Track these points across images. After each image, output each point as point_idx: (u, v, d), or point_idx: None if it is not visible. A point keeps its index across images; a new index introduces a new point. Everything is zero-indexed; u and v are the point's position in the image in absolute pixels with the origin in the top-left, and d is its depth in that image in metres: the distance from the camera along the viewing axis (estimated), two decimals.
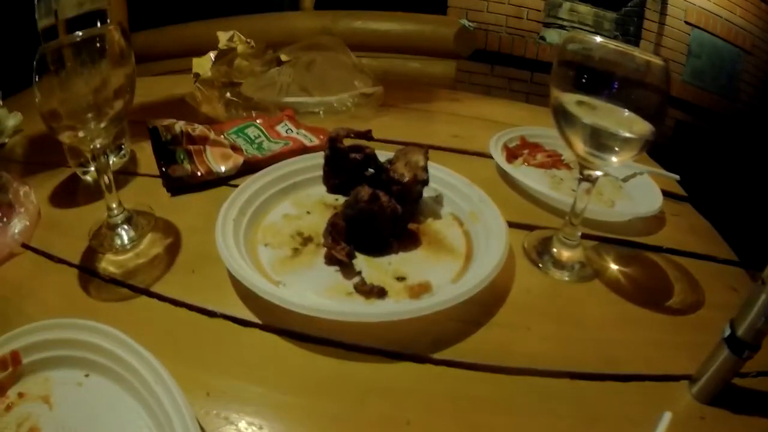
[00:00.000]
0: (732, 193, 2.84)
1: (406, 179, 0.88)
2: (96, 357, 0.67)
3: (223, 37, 1.55)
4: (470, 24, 2.88)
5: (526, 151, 1.23)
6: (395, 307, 0.74)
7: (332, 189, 1.00)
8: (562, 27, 3.78)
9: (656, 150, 0.88)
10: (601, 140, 0.78)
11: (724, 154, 3.39)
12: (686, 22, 3.61)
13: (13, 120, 1.34)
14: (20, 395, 0.65)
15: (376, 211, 0.83)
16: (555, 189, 1.11)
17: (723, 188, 2.87)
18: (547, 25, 3.73)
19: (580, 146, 0.79)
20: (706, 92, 3.72)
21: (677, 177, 1.22)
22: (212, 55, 1.51)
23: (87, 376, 0.67)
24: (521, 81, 3.66)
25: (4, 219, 0.97)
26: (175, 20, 2.44)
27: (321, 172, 1.00)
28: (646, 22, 3.67)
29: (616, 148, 0.78)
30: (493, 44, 3.66)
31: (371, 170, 0.93)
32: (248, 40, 1.56)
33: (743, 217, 2.17)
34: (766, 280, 0.61)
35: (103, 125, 0.80)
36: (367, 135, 1.02)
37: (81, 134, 0.80)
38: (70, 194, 1.08)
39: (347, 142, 0.99)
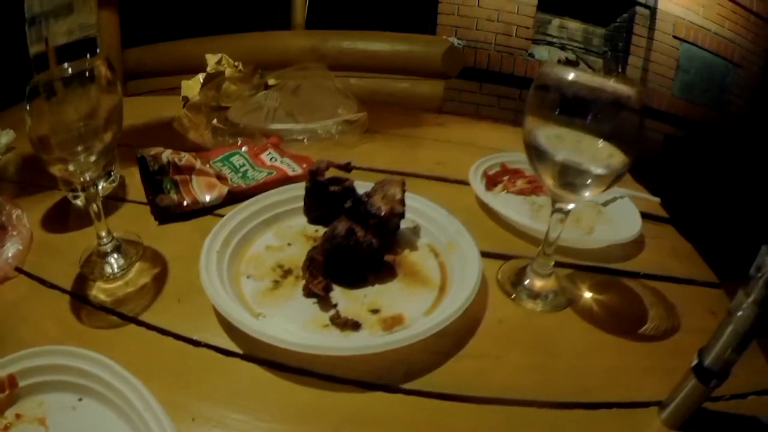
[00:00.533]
0: (722, 208, 2.86)
1: (383, 213, 0.92)
2: (88, 383, 0.71)
3: (211, 60, 1.60)
4: (459, 42, 2.93)
5: (506, 178, 1.26)
6: (367, 341, 0.78)
7: (313, 220, 1.05)
8: (551, 43, 3.81)
9: (646, 164, 0.90)
10: (570, 178, 0.81)
11: (714, 168, 3.41)
12: (675, 37, 3.64)
13: (5, 137, 1.38)
14: (17, 416, 0.69)
15: (353, 246, 0.87)
16: (534, 216, 1.14)
17: (713, 203, 2.90)
18: (536, 42, 3.77)
19: (551, 181, 0.83)
20: (696, 105, 3.74)
21: (658, 200, 1.25)
22: (201, 77, 1.55)
23: (80, 400, 0.71)
24: (510, 98, 3.69)
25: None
26: (167, 37, 2.49)
27: (302, 204, 1.05)
28: (635, 37, 3.69)
29: (588, 182, 0.81)
30: (482, 62, 3.68)
31: (350, 203, 0.97)
32: (236, 63, 1.61)
33: (732, 233, 2.19)
34: (733, 312, 0.63)
35: (92, 159, 0.84)
36: (347, 167, 1.06)
37: (71, 168, 0.84)
38: (61, 218, 1.12)
39: (330, 172, 1.04)
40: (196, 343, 0.81)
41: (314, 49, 2.36)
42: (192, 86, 1.55)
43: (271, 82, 1.61)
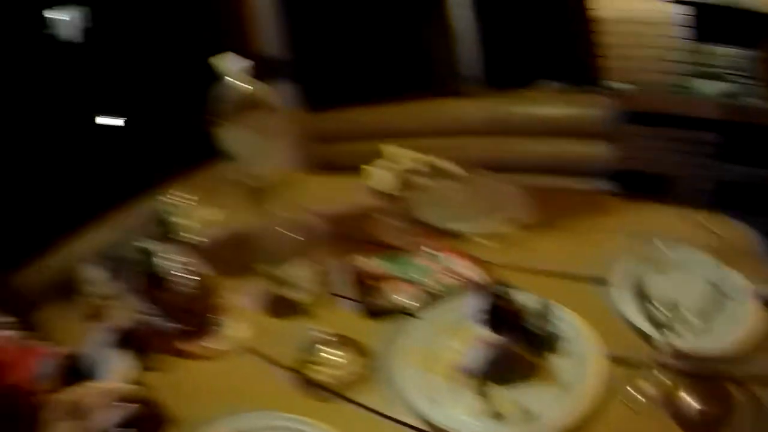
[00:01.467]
0: None
1: (538, 333, 1.27)
2: None
3: (401, 157, 1.83)
4: (627, 87, 3.11)
5: None
6: (509, 429, 1.15)
7: (489, 329, 1.28)
8: (717, 76, 3.85)
9: None
10: None
11: None
12: None
13: (211, 215, 1.66)
14: None
15: (509, 361, 1.25)
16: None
17: None
18: (699, 76, 3.77)
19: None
20: None
21: None
22: (388, 168, 1.81)
23: None
24: (681, 140, 3.70)
25: (220, 320, 1.44)
26: (344, 99, 2.92)
27: (477, 311, 1.29)
28: None
29: None
30: (648, 104, 3.48)
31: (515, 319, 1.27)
32: (422, 155, 1.85)
33: None
34: None
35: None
36: (506, 286, 1.36)
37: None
38: (274, 305, 1.53)
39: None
40: (396, 421, 1.18)
41: (486, 118, 2.72)
42: (379, 177, 1.80)
43: (452, 172, 1.87)
